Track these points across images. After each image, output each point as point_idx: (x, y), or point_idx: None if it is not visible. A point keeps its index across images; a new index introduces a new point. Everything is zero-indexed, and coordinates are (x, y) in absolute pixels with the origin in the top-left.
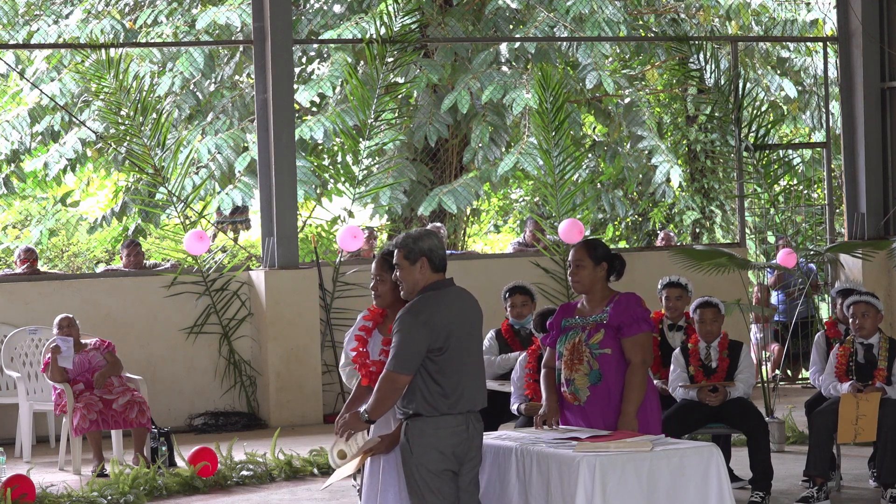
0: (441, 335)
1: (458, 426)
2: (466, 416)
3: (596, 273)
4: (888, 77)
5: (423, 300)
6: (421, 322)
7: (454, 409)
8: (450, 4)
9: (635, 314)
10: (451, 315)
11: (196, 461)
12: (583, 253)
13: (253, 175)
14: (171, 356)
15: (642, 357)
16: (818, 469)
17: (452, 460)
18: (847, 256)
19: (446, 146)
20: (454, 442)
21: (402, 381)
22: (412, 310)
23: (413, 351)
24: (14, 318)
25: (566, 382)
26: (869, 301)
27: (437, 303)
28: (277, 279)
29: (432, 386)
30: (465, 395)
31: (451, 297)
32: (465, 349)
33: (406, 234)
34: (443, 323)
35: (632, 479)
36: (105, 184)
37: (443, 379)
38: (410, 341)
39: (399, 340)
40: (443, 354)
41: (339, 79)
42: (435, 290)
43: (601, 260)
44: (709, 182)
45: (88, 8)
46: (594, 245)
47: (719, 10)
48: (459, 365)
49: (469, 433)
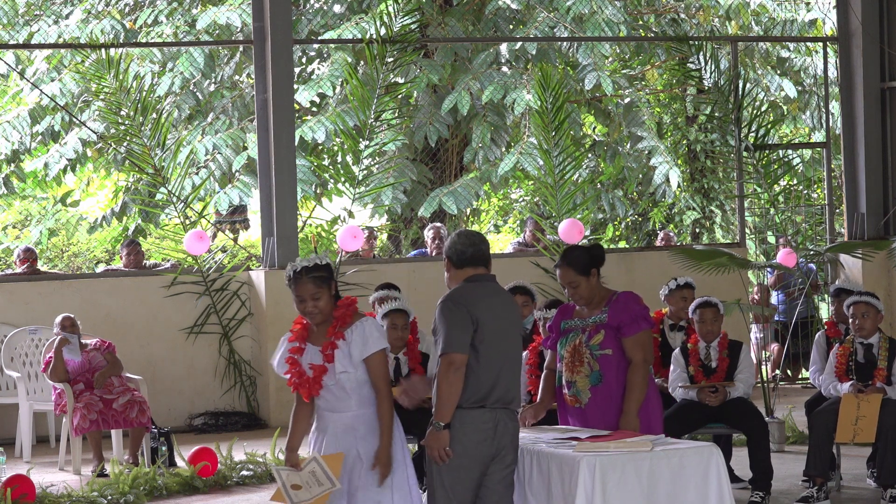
0: (472, 319)
1: (483, 423)
2: (495, 414)
3: (590, 282)
4: (888, 77)
5: (455, 289)
6: (452, 304)
7: (480, 405)
8: (450, 4)
9: (634, 313)
10: (480, 305)
11: (196, 461)
12: (570, 273)
13: (251, 174)
14: (171, 356)
15: (643, 356)
16: (818, 469)
17: (473, 459)
18: (847, 256)
19: (446, 146)
20: (477, 439)
21: (458, 359)
22: (447, 297)
23: (458, 328)
24: (14, 318)
25: (567, 385)
26: (869, 301)
27: (463, 291)
28: (277, 279)
29: (467, 376)
30: (493, 392)
31: (484, 289)
32: (496, 346)
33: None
34: (471, 309)
35: (632, 479)
36: (105, 184)
37: (472, 372)
38: (453, 321)
39: (442, 325)
40: (472, 344)
41: (339, 79)
42: (467, 283)
43: (588, 269)
44: (709, 182)
45: (88, 8)
46: (575, 260)
47: (719, 10)
48: (488, 360)
49: (497, 432)
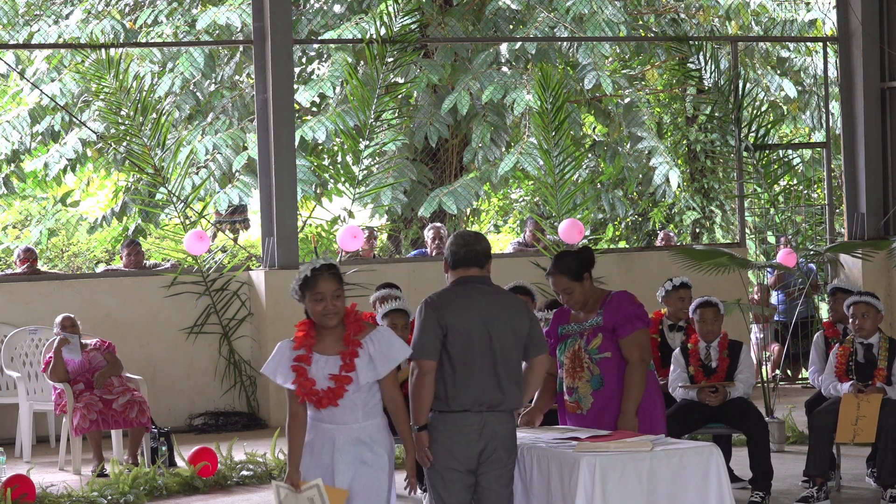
0: (444, 326)
1: (467, 426)
2: (481, 417)
3: (584, 287)
4: (888, 77)
5: (435, 293)
6: (428, 309)
7: (461, 408)
8: (450, 4)
9: (628, 312)
10: (459, 310)
11: (196, 461)
12: (563, 280)
13: (251, 174)
14: (171, 356)
15: (640, 355)
16: (818, 469)
17: (460, 460)
18: (847, 256)
19: (446, 146)
20: (461, 441)
21: (424, 364)
22: (424, 301)
23: (428, 334)
24: (14, 318)
25: (569, 391)
26: (869, 301)
27: (444, 295)
28: (277, 279)
29: (443, 381)
30: (470, 396)
31: (467, 294)
32: (472, 350)
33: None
34: (447, 315)
35: (632, 479)
36: (105, 184)
37: (451, 374)
38: (423, 327)
39: (415, 329)
40: (449, 347)
41: (339, 79)
42: (452, 286)
43: (580, 274)
44: (709, 182)
45: (88, 8)
46: (566, 267)
47: (719, 10)
48: (463, 365)
49: (483, 434)
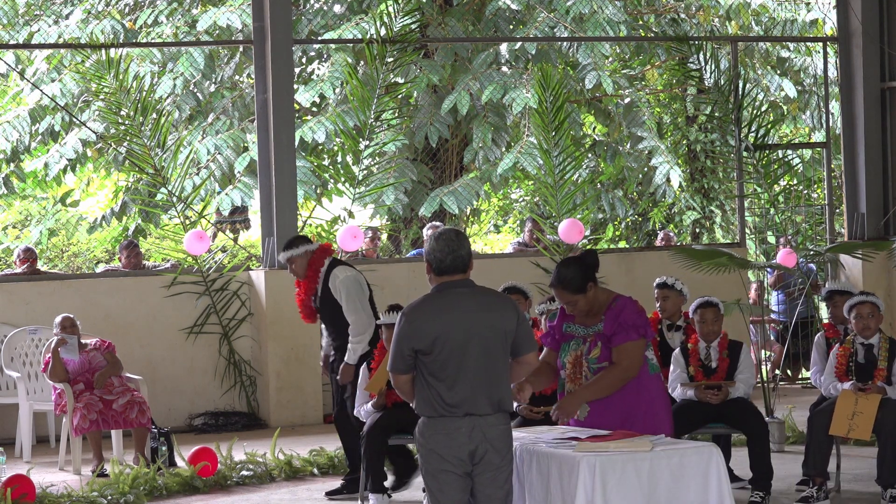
0: (424, 337)
1: (455, 430)
2: (469, 420)
3: (588, 297)
4: (888, 77)
5: (416, 301)
6: (405, 321)
7: (451, 413)
8: (450, 4)
9: (624, 322)
10: (439, 319)
11: (196, 461)
12: (567, 294)
13: (252, 175)
14: (171, 356)
15: (626, 363)
16: (816, 468)
17: (453, 463)
18: (847, 256)
19: (447, 146)
20: (452, 444)
21: (398, 379)
22: (405, 310)
23: (397, 349)
24: (14, 318)
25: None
26: (874, 302)
27: (424, 305)
28: (277, 279)
29: (428, 388)
30: (454, 402)
31: (448, 300)
32: (456, 356)
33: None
34: (426, 326)
35: (632, 479)
36: (105, 184)
37: (436, 382)
38: (399, 338)
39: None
40: (431, 356)
41: (339, 79)
42: (433, 293)
43: (584, 286)
44: (709, 182)
45: (88, 8)
46: (569, 282)
47: (719, 10)
48: (457, 369)
49: (473, 437)
